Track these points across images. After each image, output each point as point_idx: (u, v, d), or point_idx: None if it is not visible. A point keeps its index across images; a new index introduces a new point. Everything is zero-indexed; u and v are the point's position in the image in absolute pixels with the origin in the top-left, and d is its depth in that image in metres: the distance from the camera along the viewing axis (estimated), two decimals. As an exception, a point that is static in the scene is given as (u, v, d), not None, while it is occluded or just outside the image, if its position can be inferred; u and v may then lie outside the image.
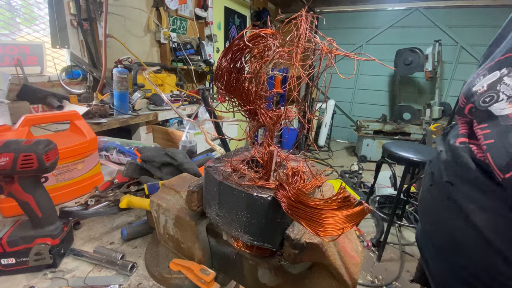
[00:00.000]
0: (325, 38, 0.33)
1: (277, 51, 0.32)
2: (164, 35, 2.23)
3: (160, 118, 1.57)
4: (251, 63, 0.33)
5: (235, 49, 0.33)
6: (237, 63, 0.34)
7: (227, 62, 0.34)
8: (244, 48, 0.33)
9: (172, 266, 0.47)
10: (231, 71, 0.34)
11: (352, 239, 0.38)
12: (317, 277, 0.35)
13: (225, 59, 0.34)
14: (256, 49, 0.33)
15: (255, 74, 0.33)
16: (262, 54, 0.33)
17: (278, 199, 0.30)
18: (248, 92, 0.35)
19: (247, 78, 0.34)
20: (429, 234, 0.56)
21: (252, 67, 0.33)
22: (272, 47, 0.32)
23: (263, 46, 0.32)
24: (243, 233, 0.34)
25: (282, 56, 0.32)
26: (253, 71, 0.33)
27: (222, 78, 0.35)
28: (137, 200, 0.61)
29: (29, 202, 0.49)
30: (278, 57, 0.32)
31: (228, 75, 0.34)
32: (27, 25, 1.51)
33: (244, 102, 0.36)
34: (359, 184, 2.89)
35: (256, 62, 0.33)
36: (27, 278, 0.48)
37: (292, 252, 0.30)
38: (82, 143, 0.74)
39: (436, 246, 0.53)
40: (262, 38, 0.32)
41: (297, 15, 0.32)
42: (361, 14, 4.59)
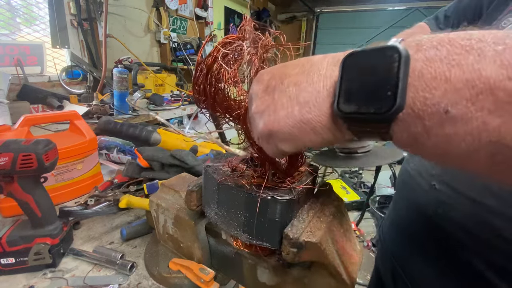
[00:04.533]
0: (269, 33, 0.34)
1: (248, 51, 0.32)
2: (164, 35, 2.23)
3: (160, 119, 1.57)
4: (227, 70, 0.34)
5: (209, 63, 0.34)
6: (213, 76, 0.34)
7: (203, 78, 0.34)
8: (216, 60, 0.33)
9: (172, 266, 0.47)
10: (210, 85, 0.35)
11: (351, 238, 0.38)
12: (316, 276, 0.35)
13: (202, 76, 0.35)
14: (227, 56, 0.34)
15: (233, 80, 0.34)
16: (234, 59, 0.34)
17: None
18: (229, 100, 0.35)
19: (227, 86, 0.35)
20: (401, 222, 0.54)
21: (231, 73, 0.34)
22: (245, 47, 0.32)
23: (235, 49, 0.33)
24: (242, 232, 0.34)
25: (253, 55, 0.33)
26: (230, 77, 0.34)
27: (203, 95, 0.36)
28: (137, 200, 0.61)
29: (28, 202, 0.49)
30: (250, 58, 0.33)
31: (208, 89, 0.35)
32: (27, 25, 1.51)
33: (228, 111, 0.36)
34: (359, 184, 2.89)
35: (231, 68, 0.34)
36: (26, 277, 0.48)
37: (290, 251, 0.30)
38: (82, 143, 0.74)
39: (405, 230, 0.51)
40: (230, 43, 0.33)
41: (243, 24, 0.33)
42: (361, 14, 4.59)
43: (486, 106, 0.15)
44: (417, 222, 0.48)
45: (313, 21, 4.96)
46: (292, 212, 0.33)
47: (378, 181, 2.37)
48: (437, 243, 0.44)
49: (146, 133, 0.93)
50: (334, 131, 0.21)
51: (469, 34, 0.16)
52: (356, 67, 0.19)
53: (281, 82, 0.24)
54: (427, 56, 0.17)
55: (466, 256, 0.39)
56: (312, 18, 4.94)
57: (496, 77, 0.14)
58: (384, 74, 0.18)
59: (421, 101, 0.17)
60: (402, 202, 0.54)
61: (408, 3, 4.19)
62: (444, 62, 0.16)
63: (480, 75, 0.15)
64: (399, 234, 0.54)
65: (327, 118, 0.21)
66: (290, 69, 0.24)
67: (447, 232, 0.41)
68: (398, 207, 0.56)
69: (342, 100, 0.20)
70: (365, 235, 2.09)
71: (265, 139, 0.25)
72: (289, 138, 0.23)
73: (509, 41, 0.15)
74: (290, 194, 0.32)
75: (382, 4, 4.37)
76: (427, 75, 0.16)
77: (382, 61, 0.18)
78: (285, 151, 0.25)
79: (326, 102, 0.21)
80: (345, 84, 0.20)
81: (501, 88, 0.14)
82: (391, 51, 0.18)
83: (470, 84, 0.15)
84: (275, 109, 0.23)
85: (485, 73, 0.15)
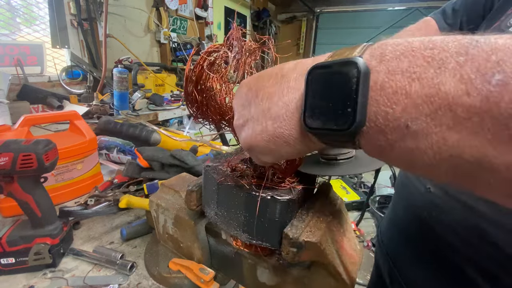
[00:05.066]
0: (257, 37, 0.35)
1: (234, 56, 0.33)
2: (164, 35, 2.24)
3: (160, 118, 1.57)
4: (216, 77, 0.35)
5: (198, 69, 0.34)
6: (203, 84, 0.35)
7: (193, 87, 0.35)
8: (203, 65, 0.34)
9: (172, 266, 0.47)
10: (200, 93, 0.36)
11: (351, 238, 0.38)
12: (316, 276, 0.35)
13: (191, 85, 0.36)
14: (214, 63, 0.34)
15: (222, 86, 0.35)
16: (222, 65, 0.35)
17: None
18: (221, 105, 0.36)
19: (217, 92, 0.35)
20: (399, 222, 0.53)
21: (218, 81, 0.35)
22: (230, 54, 0.33)
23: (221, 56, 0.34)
24: (242, 232, 0.34)
25: (238, 60, 0.33)
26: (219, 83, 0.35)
27: (194, 103, 0.37)
28: (137, 200, 0.61)
29: (28, 202, 0.49)
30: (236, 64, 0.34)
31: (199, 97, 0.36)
32: (27, 25, 1.51)
33: (222, 116, 0.37)
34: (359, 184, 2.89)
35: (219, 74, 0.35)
36: (26, 277, 0.48)
37: (290, 251, 0.30)
38: (82, 143, 0.74)
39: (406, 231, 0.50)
40: (215, 52, 0.34)
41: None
42: (361, 14, 4.59)
43: (445, 122, 0.14)
44: (413, 224, 0.48)
45: (313, 21, 4.97)
46: (292, 212, 0.33)
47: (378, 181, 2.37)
48: (430, 246, 0.43)
49: (146, 133, 0.93)
50: (306, 142, 0.22)
51: (433, 41, 0.16)
52: (318, 82, 0.19)
53: (256, 96, 0.24)
54: (389, 68, 0.16)
55: (457, 261, 0.38)
56: (312, 18, 4.94)
57: (455, 92, 0.14)
58: (344, 90, 0.18)
59: (382, 115, 0.16)
60: (400, 203, 0.54)
61: (408, 3, 4.20)
62: (405, 75, 0.16)
63: (438, 90, 0.14)
64: (397, 235, 0.54)
65: (297, 132, 0.22)
66: (265, 80, 0.24)
67: (439, 235, 0.41)
68: (396, 208, 0.56)
69: (307, 115, 0.20)
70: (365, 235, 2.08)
71: (247, 151, 0.27)
72: (267, 151, 0.24)
73: (473, 50, 0.14)
74: (289, 194, 0.32)
75: (382, 4, 4.38)
76: (388, 89, 0.16)
77: (342, 77, 0.18)
78: (267, 162, 0.27)
79: (295, 116, 0.21)
80: (309, 99, 0.20)
81: (459, 104, 0.14)
82: (350, 66, 0.17)
83: (429, 100, 0.15)
84: (252, 124, 0.24)
85: (444, 88, 0.14)
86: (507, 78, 0.13)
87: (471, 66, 0.14)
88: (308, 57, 0.24)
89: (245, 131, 0.25)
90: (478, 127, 0.14)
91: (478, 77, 0.13)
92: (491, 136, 0.13)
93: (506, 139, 0.13)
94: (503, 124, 0.13)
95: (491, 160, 0.14)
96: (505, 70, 0.13)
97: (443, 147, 0.15)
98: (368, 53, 0.18)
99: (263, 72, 0.26)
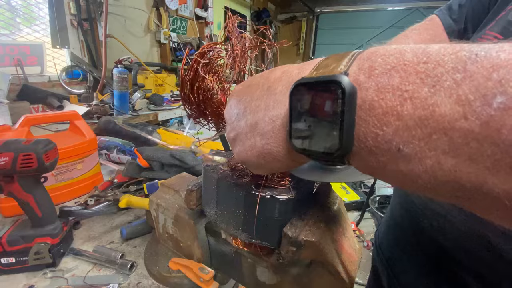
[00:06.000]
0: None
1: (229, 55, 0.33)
2: (164, 35, 2.24)
3: (160, 118, 1.58)
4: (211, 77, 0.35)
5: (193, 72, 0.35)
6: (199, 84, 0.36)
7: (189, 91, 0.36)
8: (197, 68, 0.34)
9: (171, 265, 0.47)
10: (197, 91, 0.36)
11: (350, 237, 0.38)
12: (315, 275, 0.35)
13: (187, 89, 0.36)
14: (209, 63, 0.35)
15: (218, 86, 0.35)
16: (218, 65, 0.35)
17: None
18: (218, 104, 0.36)
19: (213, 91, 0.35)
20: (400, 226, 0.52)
21: (214, 80, 0.35)
22: (224, 52, 0.33)
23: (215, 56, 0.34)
24: (241, 231, 0.34)
25: (234, 58, 0.33)
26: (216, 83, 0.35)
27: (192, 103, 0.37)
28: (137, 199, 0.61)
29: (29, 201, 0.49)
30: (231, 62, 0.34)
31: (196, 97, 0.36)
32: (27, 25, 1.51)
33: (218, 116, 0.37)
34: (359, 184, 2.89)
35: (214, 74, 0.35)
36: (27, 277, 0.49)
37: (290, 250, 0.30)
38: (82, 143, 0.74)
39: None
40: (209, 51, 0.34)
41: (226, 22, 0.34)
42: (361, 14, 4.59)
43: (440, 146, 0.13)
44: (413, 232, 0.46)
45: (313, 21, 4.96)
46: (291, 211, 0.33)
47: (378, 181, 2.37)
48: (431, 256, 0.42)
49: (146, 133, 0.93)
50: (296, 158, 0.21)
51: (428, 54, 0.14)
52: (302, 102, 0.18)
53: (244, 109, 0.24)
54: (379, 85, 0.15)
55: (459, 271, 0.37)
56: (312, 18, 4.94)
57: (451, 115, 0.13)
58: (329, 111, 0.17)
59: (372, 137, 0.15)
60: (398, 208, 0.53)
61: (408, 3, 4.20)
62: (396, 94, 0.14)
63: (433, 112, 0.13)
64: (395, 243, 0.52)
65: (284, 149, 0.21)
66: (253, 91, 0.24)
67: (441, 245, 0.40)
68: (395, 215, 0.55)
69: (293, 135, 0.19)
70: (365, 235, 2.08)
71: (241, 164, 0.27)
72: (258, 166, 0.24)
73: (471, 66, 0.13)
74: (289, 193, 0.32)
75: (382, 4, 4.38)
76: (378, 109, 0.15)
77: (326, 98, 0.17)
78: (260, 174, 0.26)
79: (282, 133, 0.21)
80: (294, 120, 0.19)
81: (455, 129, 0.13)
82: (334, 85, 0.16)
83: (422, 123, 0.13)
84: (242, 139, 0.24)
85: (438, 110, 0.13)
86: (510, 101, 0.11)
87: (470, 85, 0.12)
88: (308, 57, 0.24)
89: (237, 146, 0.25)
90: (477, 153, 0.12)
91: (477, 98, 0.12)
92: (491, 163, 0.12)
93: (507, 167, 0.12)
94: (504, 152, 0.12)
95: (490, 187, 0.13)
96: (508, 92, 0.11)
97: (438, 172, 0.14)
98: (356, 65, 0.17)
99: (253, 79, 0.25)
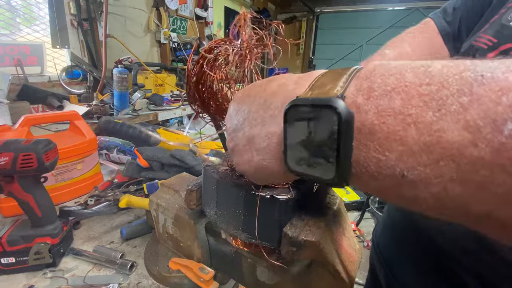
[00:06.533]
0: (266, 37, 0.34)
1: (235, 52, 0.33)
2: (164, 35, 2.24)
3: (160, 118, 1.58)
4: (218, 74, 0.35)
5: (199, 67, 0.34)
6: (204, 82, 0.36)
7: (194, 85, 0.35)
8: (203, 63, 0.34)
9: (171, 265, 0.47)
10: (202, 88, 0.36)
11: (350, 237, 0.38)
12: (315, 275, 0.35)
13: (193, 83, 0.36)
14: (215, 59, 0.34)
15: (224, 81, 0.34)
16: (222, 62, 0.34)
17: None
18: (223, 102, 0.36)
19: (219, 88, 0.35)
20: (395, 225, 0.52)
21: (219, 77, 0.34)
22: (230, 50, 0.33)
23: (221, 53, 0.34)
24: (241, 231, 0.34)
25: (240, 55, 0.33)
26: (221, 80, 0.34)
27: (196, 98, 0.37)
28: (137, 199, 0.61)
29: (29, 201, 0.49)
30: (238, 59, 0.33)
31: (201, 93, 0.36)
32: (27, 25, 1.51)
33: (222, 112, 0.37)
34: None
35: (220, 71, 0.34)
36: (27, 277, 0.49)
37: (290, 250, 0.30)
38: (82, 143, 0.74)
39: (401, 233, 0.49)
40: (216, 47, 0.34)
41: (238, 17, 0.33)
42: (361, 14, 4.59)
43: (447, 173, 0.12)
44: (411, 232, 0.46)
45: (313, 21, 4.96)
46: (291, 211, 0.33)
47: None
48: (429, 255, 0.42)
49: (146, 133, 0.93)
50: (293, 176, 0.21)
51: (430, 74, 0.14)
52: (297, 125, 0.18)
53: (243, 120, 0.23)
54: (379, 108, 0.14)
55: (459, 271, 0.37)
56: (312, 18, 4.94)
57: (459, 142, 0.12)
58: (324, 138, 0.16)
59: (374, 162, 0.15)
60: (397, 209, 0.53)
61: (408, 3, 4.20)
62: (399, 117, 0.14)
63: (439, 139, 0.12)
64: (393, 242, 0.52)
65: (280, 168, 0.21)
66: (251, 101, 0.23)
67: (438, 245, 0.40)
68: (392, 213, 0.55)
69: (288, 158, 0.19)
70: (365, 235, 2.08)
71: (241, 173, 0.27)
72: (256, 178, 0.24)
73: (478, 88, 0.12)
74: (289, 193, 0.32)
75: (382, 4, 4.38)
76: (378, 134, 0.14)
77: (321, 123, 0.16)
78: (260, 184, 0.27)
79: (277, 151, 0.20)
80: (289, 143, 0.18)
81: (464, 156, 0.12)
82: (329, 111, 0.15)
83: (428, 149, 0.13)
84: (240, 150, 0.24)
85: (445, 137, 0.12)
86: None
87: (478, 110, 0.12)
88: (308, 57, 0.24)
89: (235, 157, 0.25)
90: (487, 181, 0.12)
91: (487, 124, 0.11)
92: (503, 191, 0.11)
93: None
94: None
95: (501, 215, 0.12)
96: None
97: (445, 199, 0.13)
98: (353, 86, 0.16)
99: (252, 88, 0.25)
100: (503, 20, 0.36)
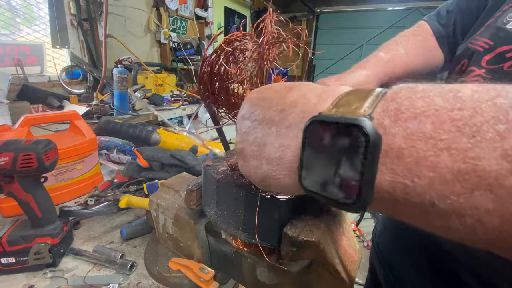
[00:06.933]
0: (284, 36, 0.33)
1: (254, 49, 0.32)
2: (164, 35, 2.24)
3: (160, 118, 1.58)
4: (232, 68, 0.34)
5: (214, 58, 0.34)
6: (218, 73, 0.35)
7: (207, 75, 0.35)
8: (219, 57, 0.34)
9: (171, 265, 0.47)
10: (215, 80, 0.36)
11: (350, 237, 0.38)
12: (315, 275, 0.35)
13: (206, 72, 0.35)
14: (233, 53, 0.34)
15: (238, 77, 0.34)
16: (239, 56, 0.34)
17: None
18: (234, 96, 0.36)
19: (232, 83, 0.35)
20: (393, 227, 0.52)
21: (234, 71, 0.34)
22: (249, 45, 0.32)
23: (240, 48, 0.33)
24: (241, 231, 0.34)
25: (259, 53, 0.32)
26: (235, 74, 0.34)
27: (207, 91, 0.36)
28: (137, 199, 0.61)
29: (29, 201, 0.49)
30: (256, 56, 0.32)
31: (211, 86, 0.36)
32: (27, 25, 1.51)
33: (232, 107, 0.37)
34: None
35: (236, 65, 0.34)
36: (27, 277, 0.49)
37: (290, 250, 0.30)
38: (82, 143, 0.74)
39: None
40: (236, 41, 0.33)
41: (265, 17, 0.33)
42: (361, 14, 4.59)
43: (483, 204, 0.12)
44: (409, 231, 0.47)
45: (313, 21, 4.96)
46: (292, 211, 0.33)
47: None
48: (428, 254, 0.42)
49: (146, 133, 0.93)
50: (302, 192, 0.19)
51: (461, 99, 0.13)
52: (317, 142, 0.16)
53: (257, 124, 0.22)
54: (408, 132, 0.13)
55: (457, 271, 0.37)
56: (312, 18, 4.94)
57: (497, 171, 0.11)
58: (347, 159, 0.15)
59: (400, 188, 0.14)
60: None
61: (408, 3, 4.20)
62: (430, 143, 0.13)
63: (475, 167, 0.12)
64: (392, 242, 0.52)
65: (292, 182, 0.19)
66: (267, 106, 0.22)
67: (438, 244, 0.40)
68: None
69: (304, 175, 0.17)
70: (365, 235, 2.08)
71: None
72: (262, 186, 0.23)
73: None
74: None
75: (382, 4, 4.38)
76: (407, 158, 0.13)
77: (346, 143, 0.15)
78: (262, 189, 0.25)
79: (291, 166, 0.19)
80: (306, 160, 0.17)
81: (503, 186, 0.11)
82: (356, 131, 0.14)
83: (462, 177, 0.12)
84: (248, 155, 0.23)
85: (482, 165, 0.12)
86: None
87: None
88: (309, 57, 0.23)
89: (241, 160, 0.24)
90: None
91: None
92: None
93: None
94: None
95: None
96: None
97: (479, 231, 0.12)
98: (380, 107, 0.15)
99: (268, 90, 0.23)
100: (498, 23, 0.36)
